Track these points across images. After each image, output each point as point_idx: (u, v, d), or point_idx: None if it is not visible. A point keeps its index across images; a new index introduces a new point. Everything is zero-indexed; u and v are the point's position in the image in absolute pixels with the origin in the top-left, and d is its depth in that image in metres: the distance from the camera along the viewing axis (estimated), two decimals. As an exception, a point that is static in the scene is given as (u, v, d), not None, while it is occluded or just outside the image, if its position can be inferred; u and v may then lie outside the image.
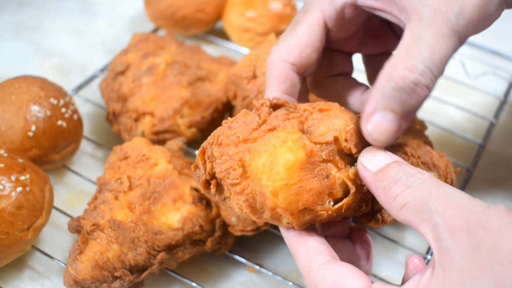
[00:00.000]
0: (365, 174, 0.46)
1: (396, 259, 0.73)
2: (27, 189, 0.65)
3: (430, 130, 0.85)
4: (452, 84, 0.96)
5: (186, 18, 1.00)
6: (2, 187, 0.64)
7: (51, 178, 0.79)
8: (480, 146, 0.84)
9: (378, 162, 0.46)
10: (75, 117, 0.77)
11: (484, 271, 0.37)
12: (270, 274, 0.70)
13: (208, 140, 0.49)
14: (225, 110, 0.82)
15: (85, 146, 0.85)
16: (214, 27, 1.07)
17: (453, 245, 0.39)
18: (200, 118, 0.80)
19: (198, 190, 0.68)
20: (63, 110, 0.75)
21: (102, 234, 0.63)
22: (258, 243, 0.74)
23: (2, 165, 0.66)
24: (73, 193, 0.80)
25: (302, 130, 0.48)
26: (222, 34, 1.06)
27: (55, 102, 0.74)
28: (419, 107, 0.48)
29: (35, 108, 0.73)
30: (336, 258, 0.46)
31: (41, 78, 0.78)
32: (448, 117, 0.93)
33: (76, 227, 0.64)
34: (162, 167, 0.68)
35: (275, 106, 0.50)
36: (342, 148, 0.48)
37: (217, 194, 0.50)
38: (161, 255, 0.64)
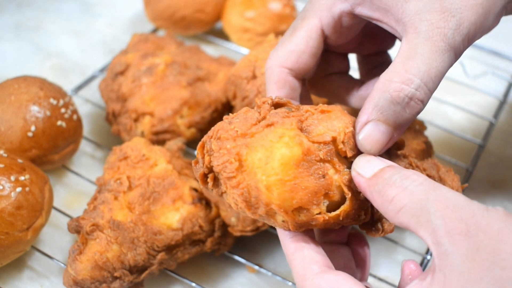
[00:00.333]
0: (359, 180, 0.46)
1: (395, 259, 0.73)
2: (27, 189, 0.65)
3: (429, 130, 0.85)
4: (451, 84, 0.96)
5: (186, 19, 1.00)
6: (1, 187, 0.64)
7: (51, 179, 0.79)
8: (479, 146, 0.84)
9: (372, 168, 0.45)
10: (75, 117, 0.77)
11: (484, 275, 0.37)
12: (270, 274, 0.70)
13: (208, 134, 0.50)
14: (224, 110, 0.82)
15: (84, 146, 0.85)
16: (213, 27, 1.07)
17: (452, 248, 0.38)
18: (199, 118, 0.80)
19: (197, 190, 0.68)
20: (63, 110, 0.75)
21: (102, 234, 0.63)
22: (258, 244, 0.74)
23: (1, 165, 0.65)
24: (72, 193, 0.80)
25: (301, 129, 0.48)
26: (222, 35, 1.06)
27: (55, 102, 0.74)
28: (412, 120, 0.48)
29: (35, 108, 0.73)
30: (331, 268, 0.46)
31: (40, 78, 0.78)
32: (447, 117, 0.93)
33: (75, 227, 0.64)
34: (161, 167, 0.68)
35: (277, 105, 0.50)
36: (338, 150, 0.48)
37: (214, 188, 0.50)
38: (160, 255, 0.64)
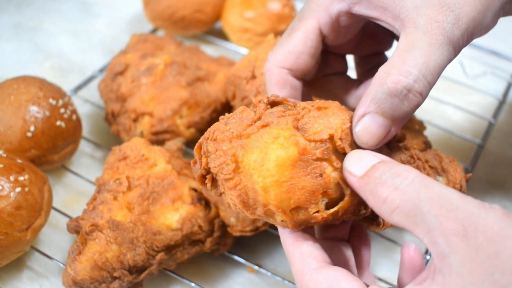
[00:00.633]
0: (351, 180, 0.45)
1: (395, 259, 0.73)
2: (26, 189, 0.65)
3: (429, 130, 0.85)
4: (451, 84, 0.96)
5: (185, 19, 1.00)
6: (1, 188, 0.64)
7: (50, 179, 0.79)
8: (479, 146, 0.84)
9: (362, 165, 0.44)
10: (74, 117, 0.77)
11: (484, 279, 0.37)
12: (269, 274, 0.70)
13: (204, 135, 0.50)
14: (224, 110, 0.82)
15: (84, 146, 0.85)
16: (213, 28, 1.07)
17: (450, 250, 0.38)
18: (199, 118, 0.80)
19: (197, 191, 0.68)
20: (62, 110, 0.75)
21: (101, 234, 0.63)
22: (257, 244, 0.74)
23: (1, 165, 0.65)
24: (72, 193, 0.79)
25: (297, 128, 0.47)
26: (221, 35, 1.06)
27: (54, 102, 0.74)
28: (411, 114, 0.48)
29: (34, 108, 0.73)
30: (330, 264, 0.46)
31: (40, 79, 0.78)
32: (447, 117, 0.93)
33: (75, 228, 0.64)
34: (161, 168, 0.68)
35: (273, 103, 0.50)
36: (336, 146, 0.47)
37: (212, 189, 0.50)
38: (160, 256, 0.64)
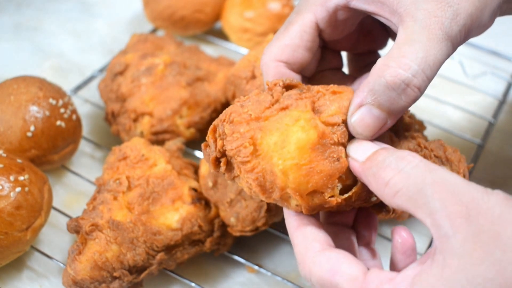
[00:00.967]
0: (353, 164, 0.45)
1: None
2: (26, 189, 0.65)
3: (429, 130, 0.85)
4: (451, 84, 0.96)
5: (185, 19, 1.00)
6: (1, 187, 0.64)
7: (50, 179, 0.79)
8: (479, 146, 0.84)
9: (365, 151, 0.45)
10: (74, 117, 0.77)
11: (485, 258, 0.37)
12: (269, 274, 0.70)
13: (219, 117, 0.49)
14: (223, 110, 0.82)
15: (84, 146, 0.85)
16: (213, 28, 1.07)
17: (453, 231, 0.38)
18: (199, 118, 0.80)
19: (197, 190, 0.68)
20: (62, 110, 0.75)
21: (101, 234, 0.63)
22: (257, 244, 0.74)
23: (1, 165, 0.65)
24: (72, 193, 0.79)
25: (314, 110, 0.47)
26: (221, 35, 1.06)
27: (54, 102, 0.74)
28: (408, 107, 0.47)
29: (34, 108, 0.73)
30: (333, 247, 0.46)
31: (39, 79, 0.78)
32: (447, 117, 0.93)
33: (75, 228, 0.64)
34: (161, 168, 0.68)
35: (288, 87, 0.50)
36: (349, 131, 0.47)
37: (226, 173, 0.49)
38: (160, 256, 0.64)
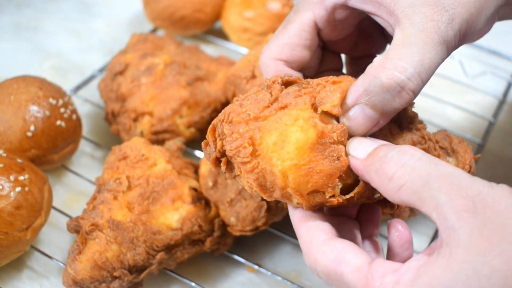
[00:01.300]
0: (354, 162, 0.45)
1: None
2: (26, 189, 0.65)
3: (429, 129, 0.84)
4: (451, 84, 0.96)
5: (185, 18, 1.00)
6: (1, 187, 0.64)
7: (50, 178, 0.79)
8: (479, 146, 0.84)
9: (365, 148, 0.45)
10: (74, 117, 0.77)
11: (492, 249, 0.37)
12: (269, 274, 0.70)
13: (218, 117, 0.49)
14: (224, 110, 0.82)
15: (84, 146, 0.85)
16: (213, 27, 1.07)
17: (460, 224, 0.38)
18: (199, 118, 0.80)
19: (197, 190, 0.68)
20: (62, 110, 0.75)
21: (101, 234, 0.63)
22: (257, 243, 0.74)
23: (1, 165, 0.65)
24: (72, 193, 0.79)
25: (315, 105, 0.47)
26: (221, 34, 1.06)
27: (54, 102, 0.74)
28: (401, 109, 0.48)
29: (34, 108, 0.73)
30: (337, 236, 0.46)
31: (39, 78, 0.78)
32: (447, 116, 0.93)
33: (75, 227, 0.64)
34: (161, 167, 0.68)
35: (287, 83, 0.49)
36: None
37: (227, 172, 0.49)
38: (160, 255, 0.64)
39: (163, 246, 0.64)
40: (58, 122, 0.74)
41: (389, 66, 0.46)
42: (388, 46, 0.63)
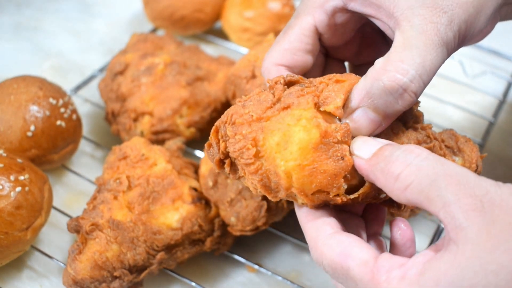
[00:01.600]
0: (359, 162, 0.45)
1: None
2: (26, 189, 0.65)
3: (429, 129, 0.85)
4: (451, 83, 0.96)
5: (185, 18, 1.00)
6: (1, 187, 0.64)
7: (50, 178, 0.79)
8: (479, 146, 0.84)
9: (369, 148, 0.45)
10: (74, 117, 0.77)
11: (499, 246, 0.37)
12: (269, 273, 0.70)
13: (221, 118, 0.49)
14: (224, 110, 0.82)
15: (84, 146, 0.85)
16: (213, 27, 1.07)
17: (468, 223, 0.38)
18: (199, 118, 0.80)
19: (197, 190, 0.68)
20: (62, 110, 0.75)
21: (101, 234, 0.63)
22: (257, 243, 0.74)
23: (1, 165, 0.65)
24: (72, 193, 0.80)
25: (318, 104, 0.47)
26: (221, 34, 1.06)
27: (54, 102, 0.74)
28: (403, 111, 0.48)
29: (34, 108, 0.73)
30: (344, 231, 0.46)
31: (40, 78, 0.78)
32: (447, 116, 0.93)
33: (75, 227, 0.64)
34: (161, 167, 0.68)
35: (290, 83, 0.49)
36: None
37: (231, 174, 0.49)
38: (160, 255, 0.64)
39: (163, 246, 0.64)
40: (58, 122, 0.74)
41: (390, 69, 0.46)
42: None
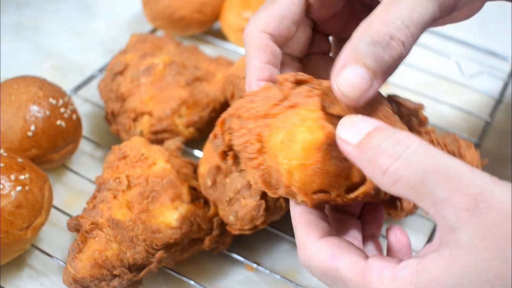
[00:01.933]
0: (346, 148, 0.42)
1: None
2: (27, 188, 0.66)
3: (426, 129, 0.85)
4: (447, 83, 0.97)
5: (184, 19, 1.01)
6: (1, 186, 0.64)
7: (50, 178, 0.79)
8: (475, 146, 0.85)
9: (357, 132, 0.41)
10: (74, 117, 0.78)
11: (497, 255, 0.35)
12: (268, 272, 0.70)
13: (228, 111, 0.49)
14: (223, 110, 0.81)
15: (84, 145, 0.85)
16: (211, 28, 1.07)
17: (459, 225, 0.36)
18: (198, 118, 0.80)
19: (196, 189, 0.69)
20: (62, 110, 0.75)
21: (101, 233, 0.63)
22: (256, 242, 0.74)
23: (1, 164, 0.66)
24: (72, 192, 0.80)
25: (324, 107, 0.46)
26: (220, 35, 1.06)
27: (54, 102, 0.75)
28: (394, 67, 0.45)
29: (34, 108, 0.73)
30: (334, 234, 0.46)
31: (40, 78, 0.78)
32: (443, 116, 0.93)
33: (75, 226, 0.65)
34: (160, 167, 0.69)
35: (299, 82, 0.49)
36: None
37: (233, 166, 0.49)
38: (159, 254, 0.64)
39: (163, 245, 0.65)
40: (58, 122, 0.74)
41: (375, 22, 0.44)
42: None
